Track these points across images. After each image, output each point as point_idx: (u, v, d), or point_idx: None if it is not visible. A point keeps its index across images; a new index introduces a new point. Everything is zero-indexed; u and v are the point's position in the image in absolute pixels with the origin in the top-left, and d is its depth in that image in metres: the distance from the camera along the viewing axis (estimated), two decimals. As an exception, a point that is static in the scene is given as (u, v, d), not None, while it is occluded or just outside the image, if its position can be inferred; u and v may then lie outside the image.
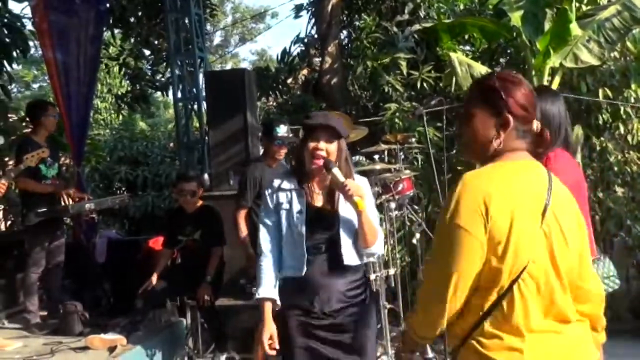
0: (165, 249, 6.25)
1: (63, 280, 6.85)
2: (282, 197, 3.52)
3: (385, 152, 6.84)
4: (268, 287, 3.45)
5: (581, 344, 2.14)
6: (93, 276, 7.19)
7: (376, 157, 6.62)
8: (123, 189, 12.84)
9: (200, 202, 6.11)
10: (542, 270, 2.04)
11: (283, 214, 3.48)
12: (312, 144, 3.44)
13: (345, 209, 3.47)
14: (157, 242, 7.14)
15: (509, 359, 2.02)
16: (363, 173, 6.77)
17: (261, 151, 6.18)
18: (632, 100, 8.27)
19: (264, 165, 5.62)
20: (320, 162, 3.42)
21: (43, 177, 6.32)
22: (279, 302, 3.46)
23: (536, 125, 2.23)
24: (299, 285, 3.44)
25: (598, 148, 8.44)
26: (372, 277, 5.52)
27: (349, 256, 3.47)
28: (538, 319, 2.04)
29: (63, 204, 6.33)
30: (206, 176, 8.21)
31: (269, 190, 3.57)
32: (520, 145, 2.19)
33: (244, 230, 5.57)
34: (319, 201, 3.53)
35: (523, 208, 2.04)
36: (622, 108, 8.30)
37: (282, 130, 5.50)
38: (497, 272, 2.02)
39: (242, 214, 5.60)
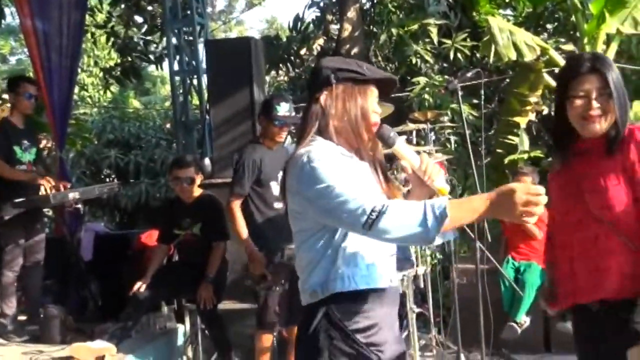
0: (160, 244, 6.24)
1: (44, 280, 6.85)
2: (353, 163, 2.63)
3: (414, 133, 6.80)
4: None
5: None
6: (78, 276, 7.19)
7: (403, 138, 6.57)
8: (113, 176, 12.90)
9: (200, 191, 6.09)
10: None
11: (369, 187, 2.59)
12: (374, 105, 2.74)
13: None
14: (150, 237, 7.14)
15: None
16: (387, 157, 6.76)
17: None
18: (701, 72, 8.18)
19: (263, 147, 5.58)
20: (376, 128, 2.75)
21: (17, 162, 6.32)
22: None
23: None
24: (381, 302, 2.66)
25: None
26: (399, 276, 5.50)
27: None
28: None
29: (43, 192, 6.32)
30: (207, 161, 8.20)
31: (324, 151, 2.57)
32: None
33: (241, 224, 5.52)
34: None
35: None
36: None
37: (284, 108, 5.46)
38: None
39: (237, 204, 5.54)
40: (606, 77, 2.88)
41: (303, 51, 12.08)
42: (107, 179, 12.80)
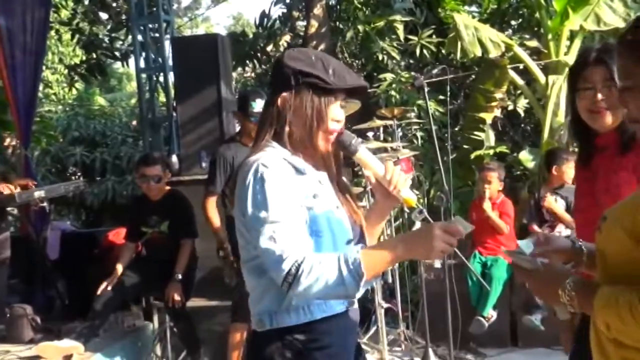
0: (127, 242, 6.21)
1: (9, 279, 6.80)
2: (304, 182, 2.38)
3: (381, 129, 6.81)
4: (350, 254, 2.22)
5: None
6: (44, 275, 7.13)
7: (370, 134, 6.59)
8: (78, 174, 12.78)
9: (167, 189, 6.07)
10: None
11: (318, 209, 2.36)
12: (334, 113, 2.43)
13: None
14: (118, 235, 7.10)
15: None
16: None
17: (237, 128, 6.13)
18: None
19: (239, 144, 5.58)
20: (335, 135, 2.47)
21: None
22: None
23: None
24: (337, 327, 2.42)
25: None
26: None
27: None
28: None
29: (7, 191, 6.26)
30: (174, 158, 8.16)
31: (274, 167, 2.31)
32: None
33: (216, 221, 5.52)
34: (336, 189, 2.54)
35: None
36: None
37: (259, 104, 5.46)
38: None
39: (212, 202, 5.54)
40: (612, 68, 2.69)
41: (270, 48, 12.07)
42: (73, 177, 12.69)
